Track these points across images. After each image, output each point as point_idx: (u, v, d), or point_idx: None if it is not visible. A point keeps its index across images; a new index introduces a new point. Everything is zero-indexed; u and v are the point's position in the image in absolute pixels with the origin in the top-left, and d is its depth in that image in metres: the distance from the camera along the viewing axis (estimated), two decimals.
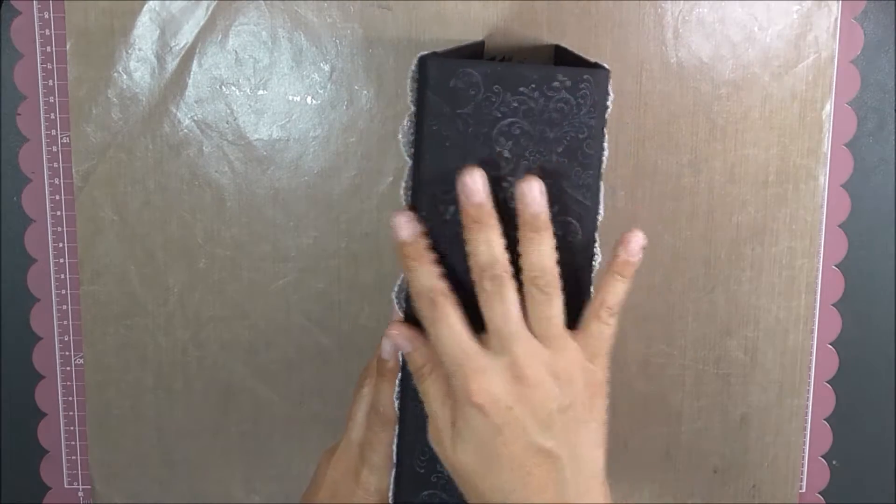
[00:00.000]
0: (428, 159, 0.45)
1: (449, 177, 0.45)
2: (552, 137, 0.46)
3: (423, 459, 0.49)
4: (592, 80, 0.45)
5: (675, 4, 0.60)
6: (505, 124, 0.45)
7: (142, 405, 0.66)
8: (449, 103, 0.45)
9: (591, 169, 0.46)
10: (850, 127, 0.63)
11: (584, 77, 0.45)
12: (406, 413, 0.48)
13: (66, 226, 0.64)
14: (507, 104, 0.45)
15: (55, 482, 0.68)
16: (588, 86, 0.45)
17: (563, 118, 0.46)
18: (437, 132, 0.45)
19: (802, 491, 0.67)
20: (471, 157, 0.45)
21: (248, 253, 0.63)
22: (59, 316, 0.66)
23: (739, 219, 0.63)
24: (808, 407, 0.66)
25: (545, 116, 0.45)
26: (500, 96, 0.45)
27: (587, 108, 0.46)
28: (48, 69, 0.63)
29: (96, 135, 0.63)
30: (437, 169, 0.45)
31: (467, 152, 0.45)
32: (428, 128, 0.45)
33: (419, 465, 0.49)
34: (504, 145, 0.45)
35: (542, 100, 0.45)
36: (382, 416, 0.51)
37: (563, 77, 0.45)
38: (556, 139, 0.46)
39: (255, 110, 0.62)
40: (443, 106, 0.45)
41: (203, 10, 0.61)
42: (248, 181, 0.63)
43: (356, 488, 0.51)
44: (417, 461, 0.49)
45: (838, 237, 0.64)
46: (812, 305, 0.64)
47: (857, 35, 0.62)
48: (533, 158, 0.46)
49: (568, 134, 0.46)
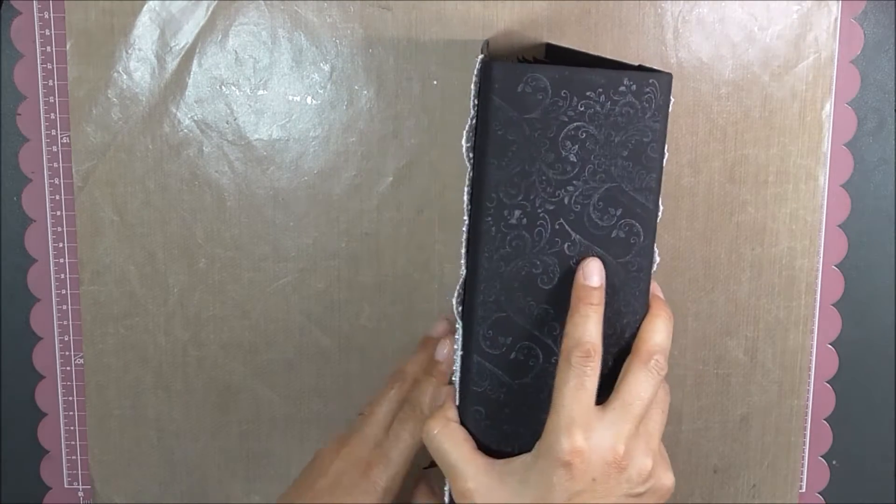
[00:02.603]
0: (494, 164, 0.45)
1: (514, 181, 0.45)
2: (617, 141, 0.46)
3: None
4: (657, 84, 0.46)
5: (675, 4, 0.60)
6: (571, 128, 0.45)
7: (142, 405, 0.66)
8: (516, 108, 0.45)
9: (654, 172, 0.47)
10: (850, 127, 0.63)
11: (650, 81, 0.46)
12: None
13: (66, 226, 0.64)
14: (574, 108, 0.45)
15: (55, 482, 0.68)
16: (653, 90, 0.46)
17: (629, 122, 0.46)
18: (502, 137, 0.45)
19: (802, 491, 0.67)
20: (537, 161, 0.45)
21: (248, 253, 0.63)
22: (59, 316, 0.66)
23: (739, 219, 0.63)
24: (808, 407, 0.66)
25: (611, 120, 0.46)
26: (567, 101, 0.45)
27: (651, 111, 0.46)
28: (48, 69, 0.63)
29: (96, 135, 0.63)
30: (503, 173, 0.45)
31: (533, 157, 0.45)
32: (493, 133, 0.45)
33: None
34: (570, 150, 0.46)
35: (608, 104, 0.45)
36: (418, 416, 0.51)
37: (630, 81, 0.45)
38: (622, 143, 0.46)
39: (255, 110, 0.62)
40: (509, 111, 0.45)
41: (203, 10, 0.61)
42: (248, 181, 0.63)
43: (362, 482, 0.51)
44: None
45: (838, 237, 0.64)
46: (812, 305, 0.64)
47: (857, 35, 0.62)
48: (598, 162, 0.46)
49: (633, 138, 0.46)
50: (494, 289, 0.47)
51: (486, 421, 0.48)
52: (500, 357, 0.47)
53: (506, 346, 0.47)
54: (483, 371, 0.48)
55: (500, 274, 0.47)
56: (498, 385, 0.48)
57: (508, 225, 0.46)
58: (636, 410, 0.45)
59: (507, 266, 0.46)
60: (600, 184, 0.46)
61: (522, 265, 0.47)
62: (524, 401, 0.48)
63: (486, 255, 0.46)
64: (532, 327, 0.47)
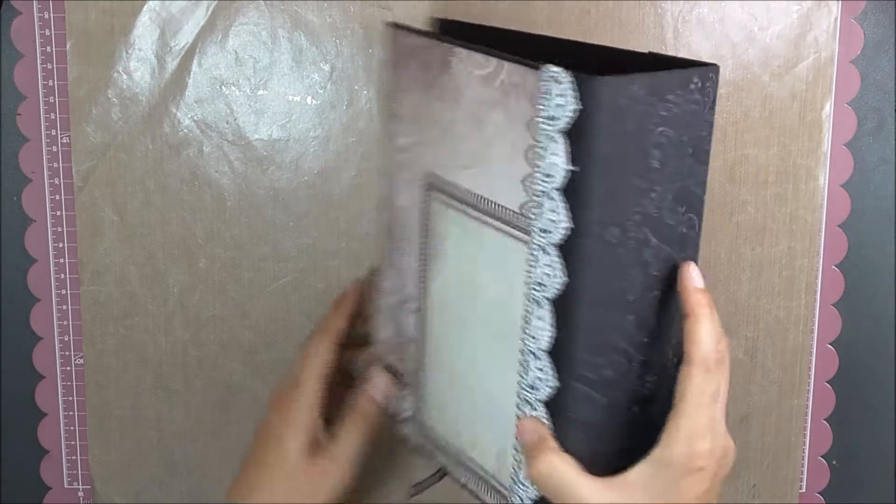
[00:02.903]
0: (597, 183, 0.42)
1: (613, 196, 0.43)
2: (685, 140, 0.44)
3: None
4: (715, 78, 0.44)
5: (675, 4, 0.60)
6: (656, 134, 0.43)
7: (142, 405, 0.66)
8: (619, 122, 0.42)
9: (706, 164, 0.46)
10: (850, 127, 0.63)
11: (710, 75, 0.44)
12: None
13: (66, 226, 0.64)
14: (657, 114, 0.43)
15: (55, 482, 0.68)
16: (711, 83, 0.44)
17: (694, 119, 0.44)
18: (605, 153, 0.42)
19: (802, 491, 0.67)
20: (629, 173, 0.43)
21: (248, 253, 0.63)
22: (59, 316, 0.66)
23: (739, 219, 0.63)
24: (808, 407, 0.66)
25: (682, 120, 0.44)
26: (654, 107, 0.43)
27: (710, 105, 0.45)
28: (48, 69, 0.63)
29: (96, 135, 0.63)
30: (604, 191, 0.43)
31: (629, 169, 0.43)
32: (597, 151, 0.42)
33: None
34: (655, 156, 0.44)
35: (681, 104, 0.44)
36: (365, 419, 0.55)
37: (697, 79, 0.44)
38: (688, 141, 0.45)
39: (255, 110, 0.62)
40: (613, 127, 0.42)
41: (203, 10, 0.61)
42: (248, 181, 0.63)
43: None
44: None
45: (838, 237, 0.64)
46: (812, 305, 0.64)
47: (857, 35, 0.62)
48: (673, 164, 0.44)
49: (695, 133, 0.45)
50: (597, 311, 0.44)
51: (587, 444, 0.46)
52: (597, 379, 0.45)
53: (600, 366, 0.45)
54: (582, 396, 0.45)
55: (600, 295, 0.44)
56: (595, 407, 0.46)
57: (607, 243, 0.43)
58: (720, 404, 0.46)
59: (606, 286, 0.44)
60: (673, 184, 0.45)
61: (617, 281, 0.45)
62: (615, 417, 0.47)
63: (590, 277, 0.44)
64: (621, 341, 0.46)
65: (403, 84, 0.52)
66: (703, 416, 0.44)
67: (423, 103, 0.51)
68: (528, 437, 0.46)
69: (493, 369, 0.49)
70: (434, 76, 0.50)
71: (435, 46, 0.49)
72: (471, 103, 0.48)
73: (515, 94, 0.45)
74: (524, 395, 0.47)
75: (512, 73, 0.45)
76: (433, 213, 0.52)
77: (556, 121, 0.42)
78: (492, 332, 0.49)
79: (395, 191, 0.54)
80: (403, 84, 0.52)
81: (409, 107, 0.52)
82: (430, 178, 0.52)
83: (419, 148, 0.52)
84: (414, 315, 0.54)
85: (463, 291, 0.51)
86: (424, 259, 0.53)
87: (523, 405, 0.47)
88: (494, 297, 0.49)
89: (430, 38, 0.50)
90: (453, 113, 0.49)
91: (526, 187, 0.45)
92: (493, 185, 0.47)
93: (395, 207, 0.54)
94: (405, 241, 0.54)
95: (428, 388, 0.54)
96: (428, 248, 0.53)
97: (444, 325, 0.53)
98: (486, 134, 0.47)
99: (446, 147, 0.50)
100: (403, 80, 0.52)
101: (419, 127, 0.52)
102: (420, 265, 0.54)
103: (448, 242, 0.51)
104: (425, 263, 0.53)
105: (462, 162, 0.49)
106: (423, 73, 0.51)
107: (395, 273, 0.55)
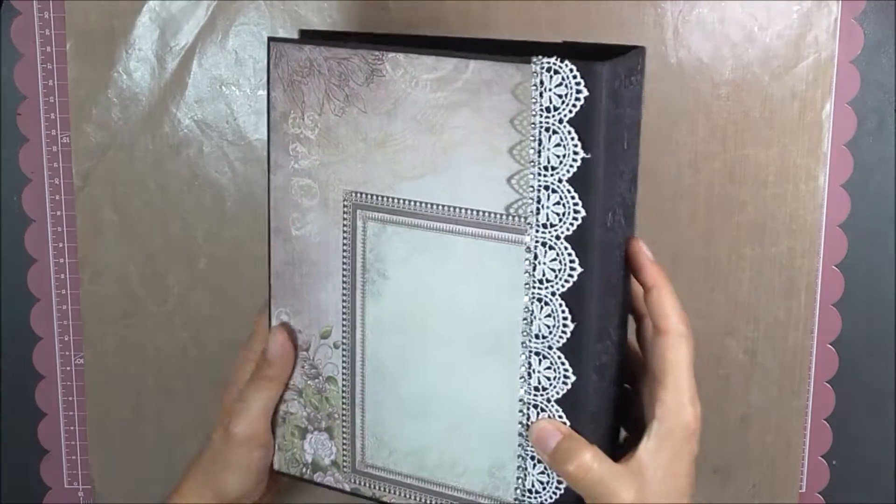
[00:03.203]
0: (600, 168, 0.42)
1: (608, 182, 0.43)
2: (637, 120, 0.46)
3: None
4: (644, 58, 0.46)
5: (675, 4, 0.60)
6: (627, 116, 0.44)
7: (142, 405, 0.66)
8: (613, 106, 0.42)
9: (639, 136, 0.46)
10: (850, 127, 0.63)
11: (643, 56, 0.45)
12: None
13: (66, 226, 0.64)
14: (626, 96, 0.43)
15: (55, 482, 0.68)
16: (643, 64, 0.45)
17: (639, 99, 0.45)
18: (607, 139, 0.42)
19: (802, 491, 0.67)
20: (615, 157, 0.43)
21: (248, 253, 0.63)
22: (59, 316, 0.66)
23: (739, 219, 0.63)
24: (808, 407, 0.66)
25: (636, 100, 0.45)
26: (626, 89, 0.43)
27: (643, 85, 0.46)
28: (48, 69, 0.63)
29: (96, 135, 0.63)
30: (605, 175, 0.43)
31: (613, 153, 0.43)
32: (602, 136, 0.42)
33: None
34: (626, 138, 0.44)
35: (636, 85, 0.45)
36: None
37: (641, 59, 0.45)
38: (638, 121, 0.46)
39: (255, 110, 0.62)
40: (610, 111, 0.42)
41: (203, 10, 0.61)
42: (248, 181, 0.63)
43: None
44: None
45: (838, 237, 0.64)
46: (812, 305, 0.64)
47: (857, 35, 0.62)
48: (634, 144, 0.45)
49: (640, 113, 0.46)
50: (602, 299, 0.44)
51: (595, 433, 0.46)
52: (600, 366, 0.46)
53: (600, 352, 0.45)
54: (594, 387, 0.45)
55: (603, 282, 0.44)
56: (601, 395, 0.46)
57: (607, 229, 0.43)
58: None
59: (607, 272, 0.44)
60: (633, 164, 0.46)
61: (610, 266, 0.45)
62: (607, 400, 0.47)
63: (598, 265, 0.43)
64: (610, 325, 0.46)
65: (307, 102, 0.48)
66: (688, 383, 0.46)
67: (339, 121, 0.47)
68: (552, 439, 0.45)
69: (474, 384, 0.47)
70: (354, 88, 0.47)
71: (354, 56, 0.46)
72: (418, 110, 0.45)
73: (488, 91, 0.43)
74: (529, 399, 0.46)
75: (481, 71, 0.43)
76: (367, 234, 0.48)
77: (557, 111, 0.42)
78: (468, 346, 0.47)
79: (292, 220, 0.50)
80: (307, 102, 0.48)
81: (316, 127, 0.48)
82: (352, 197, 0.48)
83: (330, 168, 0.48)
84: (334, 351, 0.50)
85: (419, 311, 0.48)
86: (352, 287, 0.49)
87: (529, 410, 0.46)
88: (470, 308, 0.46)
89: (346, 48, 0.46)
90: (388, 126, 0.46)
91: (515, 185, 0.44)
92: (460, 190, 0.45)
93: (293, 238, 0.50)
94: (313, 276, 0.50)
95: (367, 426, 0.51)
96: (357, 275, 0.49)
97: (391, 352, 0.49)
98: (445, 139, 0.45)
99: (379, 162, 0.47)
100: (305, 99, 0.48)
101: (332, 146, 0.48)
102: (346, 296, 0.49)
103: (390, 263, 0.48)
104: (353, 292, 0.49)
105: (408, 173, 0.46)
106: (337, 87, 0.47)
107: (300, 311, 0.51)
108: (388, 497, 0.51)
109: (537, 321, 0.45)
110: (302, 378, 0.52)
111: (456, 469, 0.49)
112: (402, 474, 0.50)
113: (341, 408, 0.51)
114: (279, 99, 0.49)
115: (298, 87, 0.48)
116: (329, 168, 0.48)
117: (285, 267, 0.51)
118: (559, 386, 0.45)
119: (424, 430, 0.49)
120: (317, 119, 0.48)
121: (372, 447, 0.50)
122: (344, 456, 0.51)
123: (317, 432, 0.52)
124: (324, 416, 0.51)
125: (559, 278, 0.44)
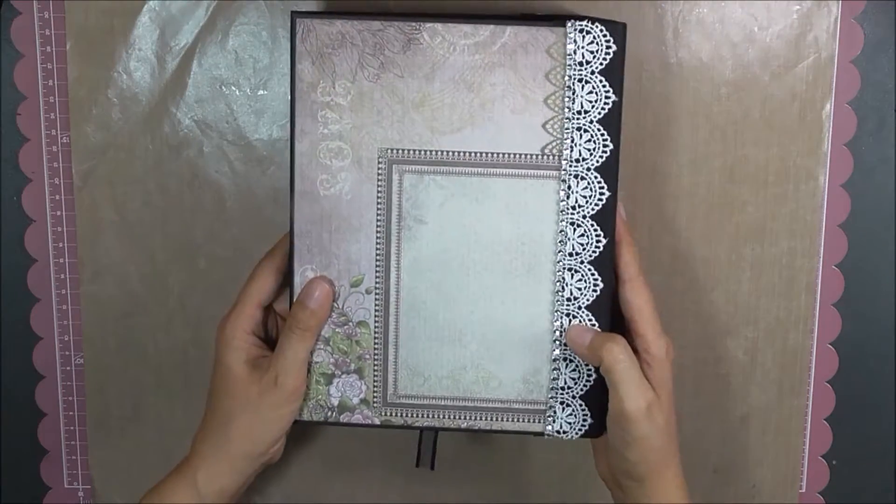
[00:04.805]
0: (621, 112, 0.53)
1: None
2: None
3: None
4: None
5: (675, 4, 0.60)
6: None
7: (142, 405, 0.66)
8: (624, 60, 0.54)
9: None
10: (850, 127, 0.63)
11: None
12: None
13: (66, 226, 0.64)
14: None
15: (55, 482, 0.68)
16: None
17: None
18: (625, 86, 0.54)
19: (802, 491, 0.67)
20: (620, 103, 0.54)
21: (248, 253, 0.63)
22: (59, 316, 0.66)
23: (739, 219, 0.63)
24: (808, 407, 0.66)
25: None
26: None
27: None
28: (48, 69, 0.63)
29: (96, 135, 0.63)
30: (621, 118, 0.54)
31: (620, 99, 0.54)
32: (623, 83, 0.53)
33: None
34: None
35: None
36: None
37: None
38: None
39: (255, 110, 0.62)
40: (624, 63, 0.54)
41: (203, 10, 0.61)
42: (248, 181, 0.63)
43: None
44: None
45: (838, 237, 0.64)
46: (812, 305, 0.64)
47: (857, 35, 0.62)
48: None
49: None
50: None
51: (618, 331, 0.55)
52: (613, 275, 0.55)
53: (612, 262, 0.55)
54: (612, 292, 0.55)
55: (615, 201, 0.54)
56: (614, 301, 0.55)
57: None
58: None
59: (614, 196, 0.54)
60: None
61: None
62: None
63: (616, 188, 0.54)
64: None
65: (338, 72, 0.53)
66: (655, 319, 0.53)
67: (373, 86, 0.53)
68: (588, 335, 0.53)
69: (509, 304, 0.54)
70: (390, 56, 0.53)
71: (389, 27, 0.52)
72: (456, 71, 0.52)
73: (524, 51, 0.52)
74: (563, 308, 0.54)
75: (518, 35, 0.52)
76: (403, 185, 0.54)
77: (589, 64, 0.52)
78: (504, 273, 0.54)
79: (320, 182, 0.54)
80: (338, 72, 0.53)
81: (349, 94, 0.53)
82: (388, 154, 0.54)
83: (364, 130, 0.53)
84: (366, 297, 0.55)
85: (456, 248, 0.54)
86: (386, 236, 0.54)
87: (562, 318, 0.54)
88: (506, 239, 0.54)
89: (380, 20, 0.52)
90: (426, 87, 0.53)
91: (549, 129, 0.53)
92: (498, 138, 0.53)
93: (321, 199, 0.54)
94: (343, 230, 0.54)
95: (400, 360, 0.56)
96: (392, 224, 0.54)
97: (428, 289, 0.55)
98: (483, 95, 0.53)
99: (417, 120, 0.53)
100: (336, 69, 0.53)
101: (365, 110, 0.53)
102: (380, 244, 0.54)
103: (427, 209, 0.54)
104: (387, 240, 0.54)
105: (446, 129, 0.53)
106: (371, 56, 0.53)
107: (327, 265, 0.55)
108: (420, 422, 0.56)
109: (571, 241, 0.53)
110: (329, 327, 0.55)
111: (490, 384, 0.56)
112: (436, 397, 0.56)
113: (373, 348, 0.55)
114: (306, 71, 0.53)
115: (329, 59, 0.53)
116: (363, 130, 0.54)
117: (311, 226, 0.55)
118: (589, 294, 0.54)
119: (460, 353, 0.55)
120: (349, 87, 0.53)
121: (405, 378, 0.56)
122: (375, 392, 0.56)
123: (345, 375, 0.56)
124: (353, 359, 0.56)
125: (590, 203, 0.53)
